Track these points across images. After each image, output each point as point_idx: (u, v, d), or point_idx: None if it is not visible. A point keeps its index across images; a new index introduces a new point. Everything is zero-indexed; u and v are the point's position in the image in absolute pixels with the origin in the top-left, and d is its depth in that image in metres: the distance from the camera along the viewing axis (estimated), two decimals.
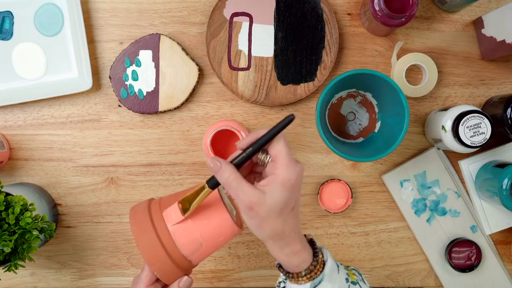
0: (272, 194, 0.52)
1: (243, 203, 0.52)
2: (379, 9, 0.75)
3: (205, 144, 0.75)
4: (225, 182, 0.53)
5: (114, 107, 0.84)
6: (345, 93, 0.83)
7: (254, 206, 0.52)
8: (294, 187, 0.53)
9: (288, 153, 0.53)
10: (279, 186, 0.52)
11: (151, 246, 0.58)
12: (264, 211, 0.52)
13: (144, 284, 0.62)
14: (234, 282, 0.86)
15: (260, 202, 0.52)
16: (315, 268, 0.56)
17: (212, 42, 0.82)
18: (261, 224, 0.53)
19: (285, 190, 0.52)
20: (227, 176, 0.53)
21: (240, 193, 0.52)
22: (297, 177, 0.53)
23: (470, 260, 0.84)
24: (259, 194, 0.52)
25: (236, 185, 0.52)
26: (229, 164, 0.54)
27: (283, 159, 0.53)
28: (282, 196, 0.52)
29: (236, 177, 0.53)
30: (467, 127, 0.73)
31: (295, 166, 0.53)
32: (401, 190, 0.85)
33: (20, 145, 0.84)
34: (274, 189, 0.52)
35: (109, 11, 0.84)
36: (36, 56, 0.82)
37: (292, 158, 0.53)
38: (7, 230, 0.68)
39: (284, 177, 0.52)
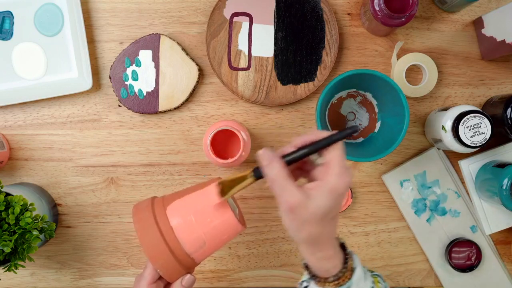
0: (317, 199, 0.50)
1: (286, 203, 0.51)
2: (379, 9, 0.75)
3: (205, 144, 0.75)
4: (272, 178, 0.51)
5: (114, 107, 0.84)
6: (345, 93, 0.83)
7: (296, 209, 0.50)
8: (340, 197, 0.52)
9: (341, 162, 0.51)
10: (326, 193, 0.50)
11: (154, 243, 0.58)
12: (305, 214, 0.50)
13: (146, 281, 0.62)
14: (234, 282, 0.86)
15: (303, 205, 0.50)
16: (343, 275, 0.55)
17: (212, 42, 0.82)
18: (299, 227, 0.52)
19: (331, 199, 0.50)
20: (275, 172, 0.51)
21: (285, 192, 0.51)
22: (345, 187, 0.51)
23: (470, 260, 0.84)
24: (303, 197, 0.50)
25: (283, 183, 0.51)
26: (280, 160, 0.52)
27: (337, 167, 0.51)
28: (327, 203, 0.50)
29: (284, 174, 0.51)
30: (467, 127, 0.73)
31: (346, 176, 0.51)
32: (401, 190, 0.85)
33: (20, 145, 0.84)
34: (320, 195, 0.50)
35: (109, 11, 0.84)
36: (36, 56, 0.82)
37: (346, 166, 0.51)
38: (7, 230, 0.68)
39: (333, 185, 0.50)
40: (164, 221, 0.59)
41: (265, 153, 0.52)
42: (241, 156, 0.74)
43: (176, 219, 0.59)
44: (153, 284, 0.62)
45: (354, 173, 0.85)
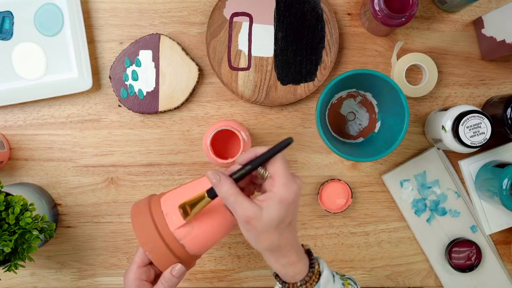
0: (268, 210, 0.53)
1: (241, 217, 0.54)
2: (379, 9, 0.75)
3: (205, 144, 0.75)
4: (224, 196, 0.55)
5: (114, 107, 0.84)
6: (345, 93, 0.83)
7: (251, 221, 0.53)
8: (291, 205, 0.54)
9: (285, 173, 0.54)
10: (276, 203, 0.53)
11: (144, 225, 0.60)
12: (260, 225, 0.53)
13: (136, 264, 0.63)
14: (234, 282, 0.86)
15: (257, 217, 0.53)
16: (310, 279, 0.57)
17: (212, 42, 0.82)
18: (257, 237, 0.55)
19: (282, 208, 0.53)
20: (225, 190, 0.54)
21: (237, 207, 0.54)
22: (294, 195, 0.54)
23: (470, 260, 0.84)
24: (256, 209, 0.53)
25: (234, 199, 0.54)
26: (228, 178, 0.55)
27: (281, 178, 0.54)
28: (279, 213, 0.53)
29: (234, 191, 0.54)
30: (467, 127, 0.73)
31: (292, 185, 0.54)
32: (401, 190, 0.85)
33: (20, 145, 0.84)
34: (271, 205, 0.53)
35: (109, 11, 0.84)
36: (36, 56, 0.82)
37: (290, 176, 0.54)
38: (7, 230, 0.68)
39: (281, 195, 0.53)
40: (157, 206, 0.62)
41: (213, 174, 0.55)
42: None
43: (167, 205, 0.62)
44: (143, 268, 0.63)
45: (353, 173, 0.85)
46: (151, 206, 0.62)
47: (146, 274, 0.63)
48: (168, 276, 0.61)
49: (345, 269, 0.86)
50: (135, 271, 0.63)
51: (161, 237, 0.60)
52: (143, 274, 0.63)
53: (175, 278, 0.61)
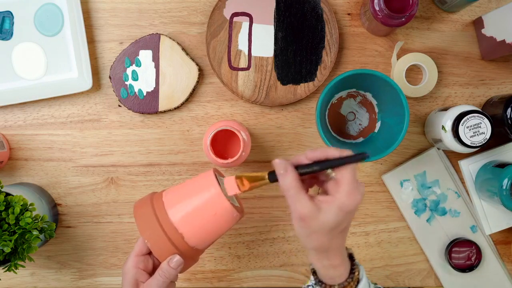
0: (326, 213, 0.53)
1: (297, 213, 0.53)
2: (379, 9, 0.75)
3: (205, 144, 0.75)
4: (285, 188, 0.54)
5: (114, 107, 0.84)
6: (345, 93, 0.83)
7: (307, 219, 0.53)
8: (349, 213, 0.54)
9: (353, 182, 0.53)
10: (336, 208, 0.53)
11: (144, 214, 0.61)
12: (315, 225, 0.53)
13: (134, 253, 0.64)
14: (234, 282, 0.86)
15: (313, 217, 0.53)
16: (348, 284, 0.57)
17: (212, 42, 0.82)
18: (309, 236, 0.54)
19: (340, 215, 0.53)
20: (288, 182, 0.53)
21: (296, 202, 0.53)
22: (355, 205, 0.53)
23: (470, 260, 0.84)
24: (314, 209, 0.53)
25: (295, 194, 0.53)
26: (293, 171, 0.54)
27: (347, 186, 0.53)
28: (336, 218, 0.53)
29: (297, 185, 0.53)
30: (467, 127, 0.73)
31: (356, 195, 0.53)
32: (401, 190, 0.85)
33: (20, 145, 0.84)
34: (330, 209, 0.53)
35: (109, 11, 0.84)
36: (36, 56, 0.82)
37: (356, 185, 0.53)
38: (7, 230, 0.68)
39: (342, 202, 0.53)
40: (158, 198, 0.63)
41: (281, 163, 0.54)
42: (241, 156, 0.74)
43: (168, 196, 0.63)
44: (141, 257, 0.63)
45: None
46: (153, 198, 0.64)
47: (144, 263, 0.63)
48: (165, 267, 0.61)
49: None
50: (132, 259, 0.63)
51: (160, 225, 0.60)
52: (141, 263, 0.63)
53: (172, 269, 0.61)
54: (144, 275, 0.63)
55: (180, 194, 0.63)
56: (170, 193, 0.64)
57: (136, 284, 0.62)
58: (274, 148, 0.85)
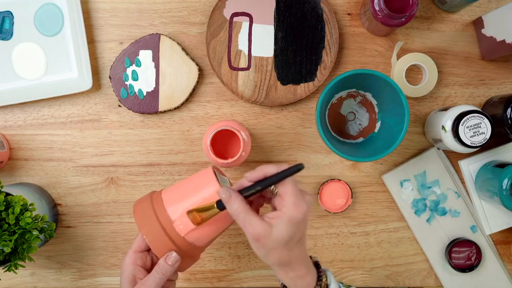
0: (278, 228, 0.54)
1: (250, 235, 0.55)
2: (379, 9, 0.75)
3: (205, 144, 0.75)
4: (233, 213, 0.55)
5: (114, 107, 0.84)
6: (345, 93, 0.83)
7: (261, 238, 0.54)
8: (300, 223, 0.55)
9: (294, 193, 0.55)
10: (286, 222, 0.54)
11: (143, 211, 0.62)
12: (270, 243, 0.54)
13: (132, 249, 0.64)
14: (234, 282, 0.86)
15: (266, 235, 0.54)
16: None
17: (212, 42, 0.82)
18: (267, 253, 0.55)
19: (291, 227, 0.54)
20: (235, 207, 0.55)
21: (247, 225, 0.55)
22: (303, 214, 0.55)
23: (470, 260, 0.84)
24: (265, 227, 0.54)
25: (244, 217, 0.55)
26: (238, 196, 0.56)
27: (291, 198, 0.54)
28: (288, 231, 0.54)
29: (244, 209, 0.55)
30: (467, 127, 0.73)
31: (302, 205, 0.55)
32: (401, 190, 0.85)
33: (20, 145, 0.84)
34: (280, 224, 0.54)
35: (109, 11, 0.84)
36: (36, 56, 0.82)
37: (299, 195, 0.55)
38: (7, 230, 0.68)
39: (290, 215, 0.54)
40: (157, 195, 0.63)
41: (224, 191, 0.56)
42: (241, 156, 0.74)
43: (167, 194, 0.63)
44: (139, 253, 0.64)
45: (353, 173, 0.85)
46: (153, 196, 0.64)
47: (142, 260, 0.63)
48: (162, 263, 0.61)
49: (345, 269, 0.86)
50: (130, 255, 0.63)
51: (158, 220, 0.60)
52: (139, 259, 0.63)
53: (168, 266, 0.60)
54: (141, 272, 0.63)
55: (180, 191, 0.63)
56: (170, 191, 0.64)
57: (134, 281, 0.62)
58: (274, 148, 0.85)
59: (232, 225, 0.85)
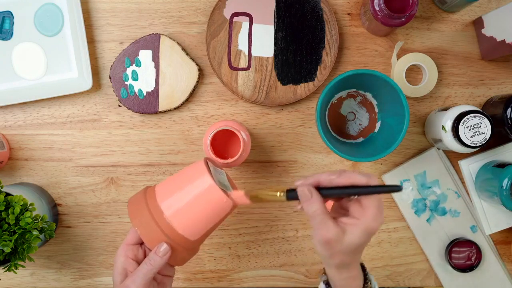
0: (352, 235, 0.53)
1: (322, 237, 0.54)
2: (379, 9, 0.75)
3: (205, 144, 0.75)
4: (311, 214, 0.54)
5: (114, 107, 0.84)
6: (345, 93, 0.83)
7: (331, 242, 0.53)
8: (373, 234, 0.55)
9: (380, 208, 0.54)
10: (361, 231, 0.53)
11: (136, 203, 0.62)
12: (339, 247, 0.54)
13: (125, 241, 0.63)
14: (234, 282, 0.86)
15: (338, 240, 0.53)
16: None
17: (212, 42, 0.82)
18: (332, 255, 0.55)
19: (365, 236, 0.54)
20: (315, 209, 0.54)
21: (322, 227, 0.53)
22: (379, 226, 0.54)
23: (470, 260, 0.84)
24: (339, 232, 0.53)
25: (320, 220, 0.54)
26: (318, 197, 0.54)
27: (373, 210, 0.54)
28: (361, 240, 0.54)
29: (323, 212, 0.54)
30: (467, 127, 0.73)
31: (381, 217, 0.54)
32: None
33: (20, 145, 0.84)
34: (355, 232, 0.53)
35: (109, 11, 0.84)
36: (36, 56, 0.82)
37: (381, 209, 0.54)
38: (7, 230, 0.68)
39: (369, 226, 0.53)
40: (150, 189, 0.64)
41: (305, 190, 0.54)
42: (241, 156, 0.74)
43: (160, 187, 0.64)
44: (131, 246, 0.63)
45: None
46: (146, 190, 0.65)
47: (133, 253, 0.63)
48: (152, 255, 0.60)
49: None
50: (123, 247, 0.63)
51: (150, 212, 0.61)
52: (130, 251, 0.63)
53: (158, 257, 0.60)
54: (132, 264, 0.62)
55: (172, 184, 0.64)
56: (163, 184, 0.65)
57: (125, 273, 0.61)
58: (274, 148, 0.85)
59: (232, 225, 0.85)
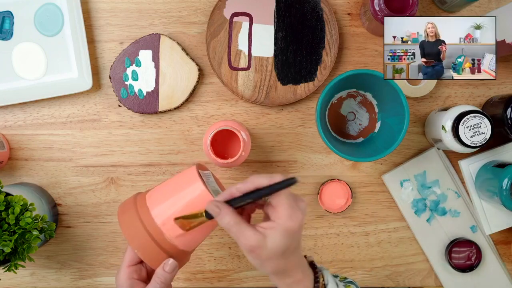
0: (273, 239, 0.52)
1: (245, 246, 0.53)
2: (379, 9, 0.75)
3: (205, 144, 0.75)
4: (225, 227, 0.54)
5: (114, 107, 0.84)
6: (345, 93, 0.83)
7: (255, 250, 0.53)
8: (296, 233, 0.54)
9: (289, 205, 0.53)
10: (280, 233, 0.52)
11: (130, 222, 0.60)
12: (265, 254, 0.53)
13: (125, 263, 0.63)
14: (234, 282, 0.86)
15: (261, 246, 0.52)
16: None
17: (212, 42, 0.82)
18: (262, 264, 0.54)
19: (286, 237, 0.53)
20: (227, 221, 0.53)
21: (241, 237, 0.53)
22: (299, 224, 0.53)
23: (470, 260, 0.84)
24: (259, 238, 0.52)
25: (236, 230, 0.53)
26: (228, 209, 0.54)
27: (285, 209, 0.53)
28: (283, 242, 0.53)
29: (236, 222, 0.53)
30: (467, 127, 0.73)
31: (297, 215, 0.53)
32: (401, 190, 0.85)
33: (20, 145, 0.84)
34: (275, 235, 0.53)
35: (109, 11, 0.84)
36: (36, 56, 0.82)
37: (294, 205, 0.53)
38: (7, 230, 0.68)
39: (285, 226, 0.53)
40: (142, 203, 0.62)
41: (213, 205, 0.54)
42: (241, 156, 0.74)
43: (152, 199, 0.62)
44: (133, 267, 0.63)
45: (353, 173, 0.85)
46: (137, 204, 0.62)
47: (137, 273, 0.63)
48: (161, 272, 0.60)
49: (345, 269, 0.86)
50: (125, 270, 0.62)
51: (148, 233, 0.59)
52: (134, 273, 0.63)
53: (167, 274, 0.60)
54: (139, 285, 0.62)
55: (165, 196, 0.62)
56: (154, 196, 0.62)
57: None
58: (274, 148, 0.85)
59: None
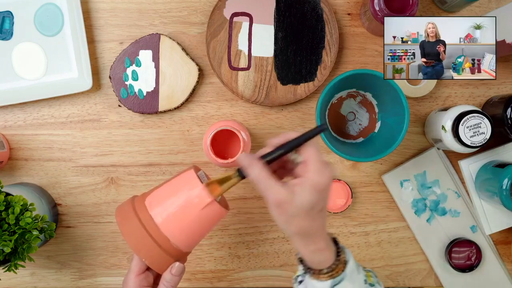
0: (301, 195, 0.53)
1: (272, 200, 0.53)
2: (379, 9, 0.75)
3: (205, 144, 0.75)
4: (255, 179, 0.54)
5: (114, 107, 0.84)
6: (345, 93, 0.83)
7: (282, 205, 0.53)
8: (324, 191, 0.54)
9: (319, 159, 0.54)
10: (309, 189, 0.53)
11: (135, 232, 0.59)
12: (292, 209, 0.53)
13: (134, 273, 0.63)
14: (234, 282, 0.86)
15: (289, 201, 0.53)
16: (337, 267, 0.57)
17: (212, 42, 0.82)
18: (288, 221, 0.54)
19: (314, 193, 0.53)
20: (257, 172, 0.54)
21: (269, 190, 0.53)
22: (327, 181, 0.54)
23: (470, 260, 0.84)
24: (288, 193, 0.53)
25: (265, 182, 0.53)
26: (259, 161, 0.54)
27: (314, 164, 0.54)
28: (311, 198, 0.53)
29: (266, 174, 0.53)
30: (467, 127, 0.73)
31: (326, 172, 0.54)
32: (401, 190, 0.85)
33: (20, 145, 0.84)
34: (304, 191, 0.53)
35: (109, 11, 0.84)
36: (36, 56, 0.82)
37: (323, 162, 0.54)
38: (7, 230, 0.68)
39: (314, 181, 0.53)
40: (142, 209, 0.61)
41: (245, 157, 0.55)
42: None
43: (153, 206, 0.61)
44: (141, 275, 0.63)
45: (353, 173, 0.85)
46: (137, 210, 0.61)
47: (147, 280, 0.63)
48: (169, 277, 0.61)
49: None
50: (134, 280, 0.62)
51: (155, 241, 0.59)
52: (143, 280, 0.63)
53: (175, 277, 0.61)
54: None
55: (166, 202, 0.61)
56: (155, 202, 0.61)
57: None
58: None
59: (232, 225, 0.86)
